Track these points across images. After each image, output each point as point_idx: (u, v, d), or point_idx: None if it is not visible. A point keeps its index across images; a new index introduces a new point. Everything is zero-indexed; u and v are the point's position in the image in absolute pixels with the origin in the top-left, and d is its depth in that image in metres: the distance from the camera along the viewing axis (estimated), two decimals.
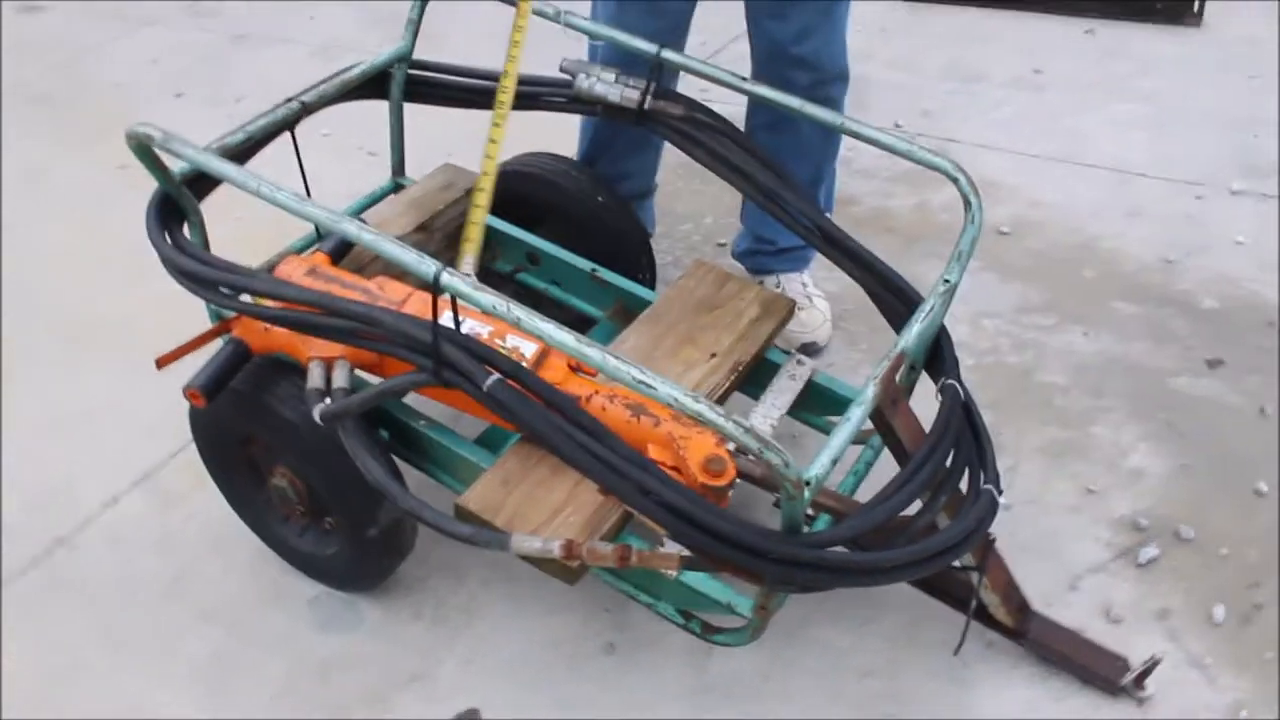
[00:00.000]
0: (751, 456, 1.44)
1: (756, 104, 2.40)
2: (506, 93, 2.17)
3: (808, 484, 1.47)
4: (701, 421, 1.40)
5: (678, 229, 3.13)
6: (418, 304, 1.87)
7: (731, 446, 1.71)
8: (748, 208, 2.81)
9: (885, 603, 2.12)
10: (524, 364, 1.78)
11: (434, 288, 1.56)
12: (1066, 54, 4.09)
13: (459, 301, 1.60)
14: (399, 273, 2.11)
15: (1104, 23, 4.28)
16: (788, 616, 2.04)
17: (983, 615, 1.99)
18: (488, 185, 2.13)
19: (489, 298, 1.51)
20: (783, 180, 2.13)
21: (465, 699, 2.00)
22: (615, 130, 2.64)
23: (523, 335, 1.81)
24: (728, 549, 1.50)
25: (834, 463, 1.54)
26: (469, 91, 2.39)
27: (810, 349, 2.72)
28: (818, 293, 2.81)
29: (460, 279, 1.55)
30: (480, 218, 2.12)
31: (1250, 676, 2.04)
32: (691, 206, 3.09)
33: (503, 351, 1.78)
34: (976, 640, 2.04)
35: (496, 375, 1.59)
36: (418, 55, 2.34)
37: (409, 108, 2.39)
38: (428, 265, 1.57)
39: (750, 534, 1.49)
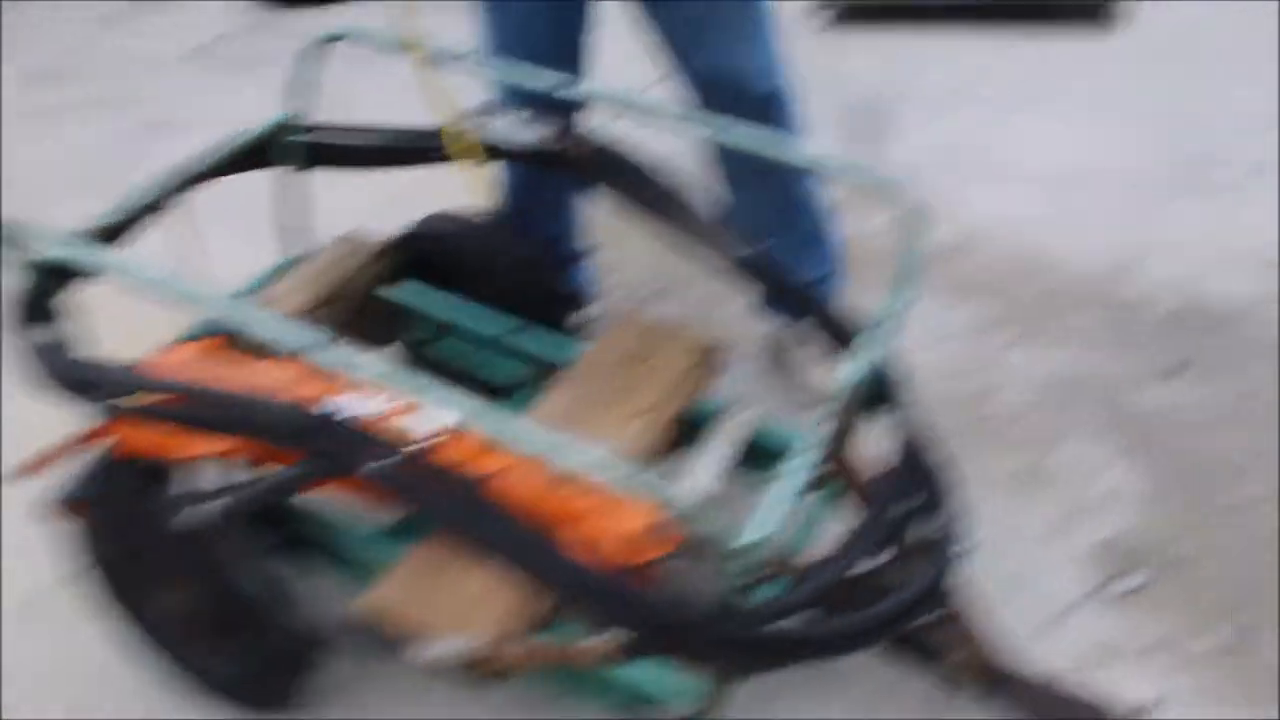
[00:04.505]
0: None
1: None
2: None
3: (745, 552, 1.30)
4: (618, 489, 1.23)
5: (605, 281, 2.95)
6: (315, 384, 1.69)
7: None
8: None
9: (849, 670, 1.94)
10: (431, 440, 1.63)
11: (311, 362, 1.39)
12: (989, 66, 3.96)
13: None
14: None
15: (1023, 33, 4.16)
16: (748, 694, 1.86)
17: (955, 674, 1.81)
18: None
19: (372, 366, 1.34)
20: (705, 218, 1.98)
21: None
22: (533, 189, 2.50)
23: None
24: (665, 634, 1.33)
25: (775, 523, 1.37)
26: (368, 151, 2.23)
27: None
28: None
29: (340, 350, 1.37)
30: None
31: (1260, 707, 1.89)
32: (617, 256, 2.93)
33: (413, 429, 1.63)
34: (951, 703, 1.87)
35: (381, 459, 1.42)
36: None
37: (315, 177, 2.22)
38: (308, 338, 1.40)
39: (683, 615, 1.32)
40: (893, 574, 1.55)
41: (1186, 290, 2.83)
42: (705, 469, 1.82)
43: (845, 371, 1.59)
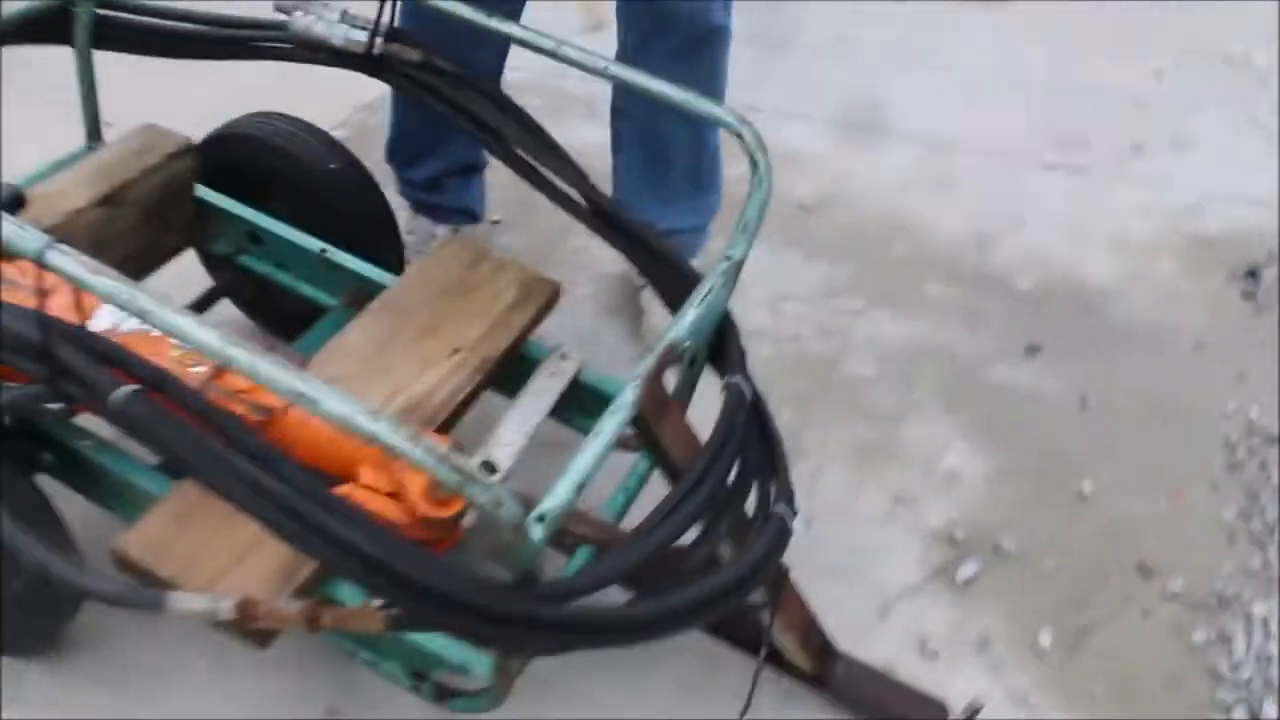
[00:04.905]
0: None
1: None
2: None
3: (540, 520, 1.13)
4: (383, 447, 1.04)
5: None
6: (65, 296, 1.45)
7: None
8: (619, 184, 2.39)
9: (667, 646, 1.79)
10: (201, 369, 1.42)
11: (40, 268, 1.16)
12: (874, 22, 3.82)
13: None
14: None
15: None
16: (548, 665, 1.70)
17: (778, 660, 1.68)
18: None
19: (104, 280, 1.12)
20: (542, 141, 1.80)
21: None
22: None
23: None
24: (436, 609, 1.14)
25: (579, 490, 1.20)
26: (170, 36, 1.97)
27: None
28: None
29: (74, 258, 1.15)
30: None
31: (1079, 713, 1.81)
32: None
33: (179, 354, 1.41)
34: (772, 690, 1.74)
35: (130, 385, 1.20)
36: None
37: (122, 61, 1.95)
38: (31, 239, 1.16)
39: (467, 588, 1.14)
40: (715, 550, 1.40)
41: (1047, 269, 2.74)
42: (523, 417, 1.64)
43: (675, 324, 1.43)
